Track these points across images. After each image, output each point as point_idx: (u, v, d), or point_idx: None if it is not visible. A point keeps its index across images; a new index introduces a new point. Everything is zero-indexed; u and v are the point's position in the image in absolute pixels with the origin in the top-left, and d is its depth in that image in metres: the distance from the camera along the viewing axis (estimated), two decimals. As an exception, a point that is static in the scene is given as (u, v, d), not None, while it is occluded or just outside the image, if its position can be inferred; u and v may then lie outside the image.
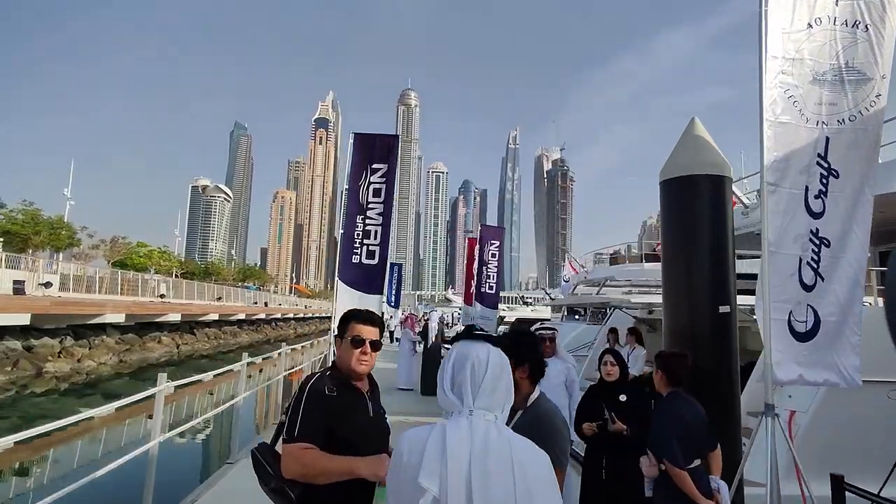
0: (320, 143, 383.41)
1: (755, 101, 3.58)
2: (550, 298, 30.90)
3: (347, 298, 10.35)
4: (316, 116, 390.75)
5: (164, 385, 4.30)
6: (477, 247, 20.30)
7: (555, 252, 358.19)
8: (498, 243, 19.05)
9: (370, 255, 10.52)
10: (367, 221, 10.50)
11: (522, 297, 36.39)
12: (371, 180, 10.53)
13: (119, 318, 20.98)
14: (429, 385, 11.17)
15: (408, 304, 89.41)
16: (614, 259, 15.80)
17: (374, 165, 10.56)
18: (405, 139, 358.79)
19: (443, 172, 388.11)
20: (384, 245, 10.57)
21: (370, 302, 10.56)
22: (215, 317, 32.64)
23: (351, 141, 10.36)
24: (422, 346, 13.10)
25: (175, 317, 26.77)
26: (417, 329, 12.35)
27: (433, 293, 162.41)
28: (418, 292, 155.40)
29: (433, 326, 10.88)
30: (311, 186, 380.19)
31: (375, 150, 10.61)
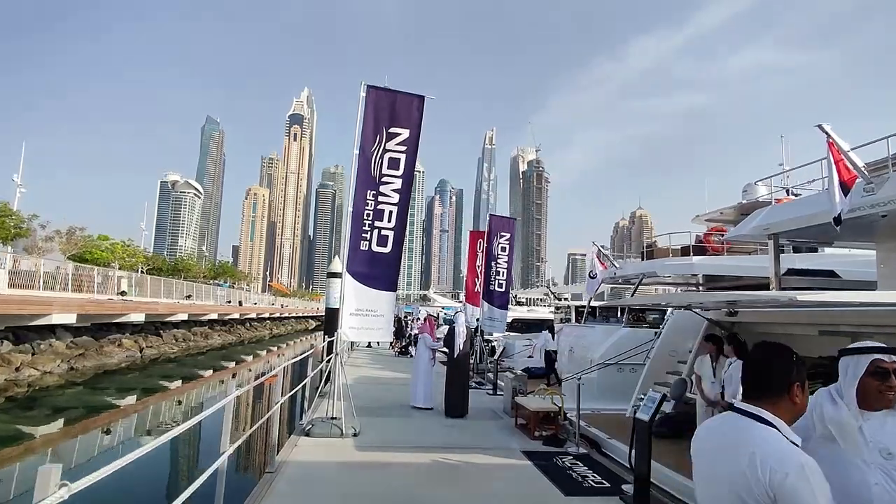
0: (294, 140, 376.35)
1: (730, 106, 1.64)
2: (556, 298, 29.01)
3: (354, 295, 8.12)
4: (290, 112, 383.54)
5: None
6: (482, 241, 18.29)
7: (530, 252, 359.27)
8: (509, 236, 16.98)
9: (382, 241, 8.30)
10: (381, 199, 8.28)
11: (515, 295, 34.35)
12: (387, 147, 8.32)
13: (69, 318, 18.15)
14: (456, 405, 9.00)
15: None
16: (650, 253, 13.91)
17: (393, 129, 8.37)
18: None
19: (419, 171, 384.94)
20: (400, 230, 8.37)
21: (381, 301, 8.37)
22: (184, 317, 29.77)
23: (362, 94, 8.16)
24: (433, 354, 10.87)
25: (138, 317, 23.90)
26: (438, 335, 10.21)
27: (409, 292, 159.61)
28: (395, 299, 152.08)
29: (461, 331, 8.69)
30: (284, 183, 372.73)
31: (396, 111, 8.45)
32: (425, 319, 10.19)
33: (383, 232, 8.01)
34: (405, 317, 31.90)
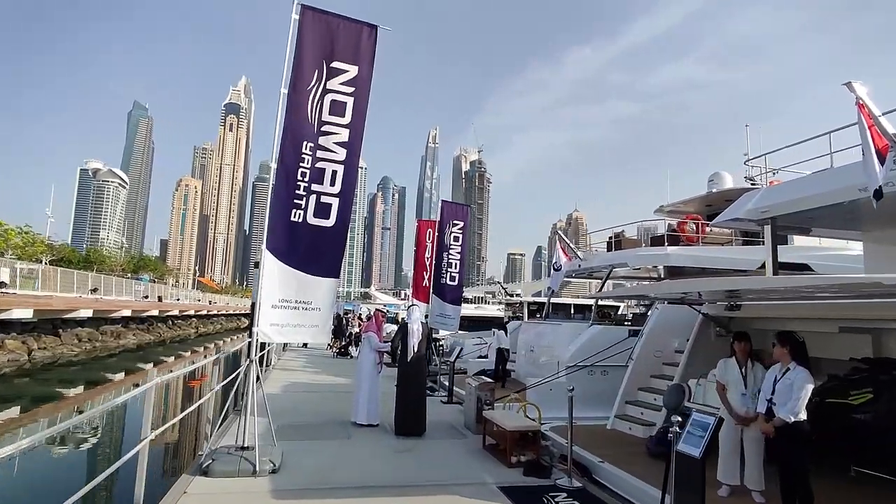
0: (230, 130, 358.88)
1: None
2: (508, 294, 27.69)
3: (279, 281, 6.15)
4: (227, 101, 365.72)
5: None
6: (431, 231, 16.58)
7: (472, 251, 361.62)
8: (462, 224, 15.23)
9: (322, 210, 6.28)
10: (321, 154, 6.28)
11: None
12: (328, 86, 6.35)
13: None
14: (409, 421, 7.21)
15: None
16: (618, 243, 12.69)
17: (337, 64, 6.43)
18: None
19: (361, 167, 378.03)
20: (347, 197, 6.48)
21: (319, 290, 6.45)
22: (88, 313, 26.05)
23: (295, 16, 6.20)
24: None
25: (23, 313, 20.27)
26: (385, 334, 8.32)
27: (349, 290, 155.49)
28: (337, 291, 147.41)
29: (415, 330, 6.90)
30: (219, 175, 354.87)
31: (340, 41, 6.54)
32: (370, 316, 8.24)
33: (324, 199, 6.09)
34: (345, 314, 29.49)
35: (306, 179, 6.05)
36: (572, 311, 20.86)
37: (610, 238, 13.30)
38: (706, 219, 12.55)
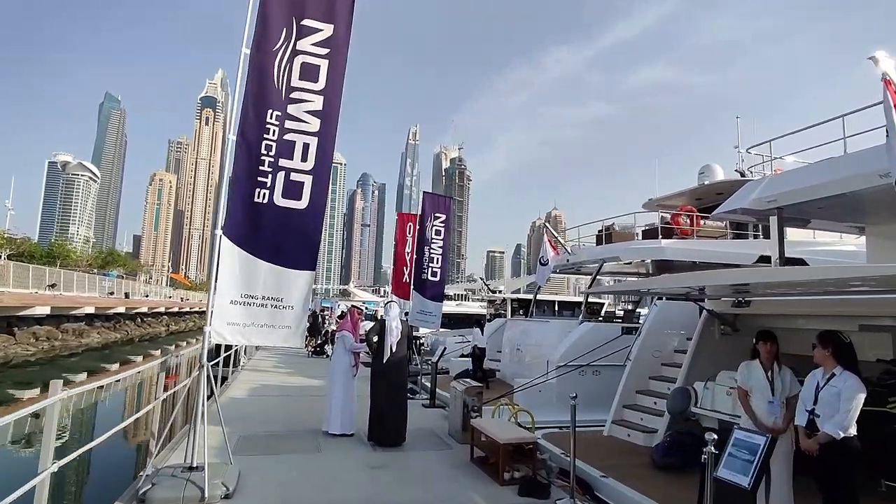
0: (206, 124, 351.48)
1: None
2: (491, 291, 27.02)
3: (241, 273, 5.20)
4: (203, 95, 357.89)
5: None
6: (412, 224, 15.82)
7: (451, 248, 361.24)
8: (444, 217, 14.47)
9: (293, 189, 5.15)
10: (290, 125, 5.42)
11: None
12: (299, 48, 5.50)
13: None
14: (388, 431, 6.45)
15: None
16: (608, 236, 12.09)
17: (308, 22, 5.59)
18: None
19: (341, 164, 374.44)
20: (322, 174, 5.65)
21: (291, 285, 5.52)
22: (46, 310, 24.55)
23: (255, -34, 5.34)
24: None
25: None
26: (362, 332, 7.49)
27: (328, 287, 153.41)
28: (313, 286, 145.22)
29: (393, 327, 6.13)
30: (194, 169, 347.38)
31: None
32: (344, 314, 7.38)
33: (294, 176, 5.26)
34: (322, 311, 28.39)
35: (272, 154, 5.22)
36: (556, 309, 20.31)
37: (599, 231, 12.70)
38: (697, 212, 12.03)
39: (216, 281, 4.95)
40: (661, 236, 10.80)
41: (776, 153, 8.70)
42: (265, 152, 5.21)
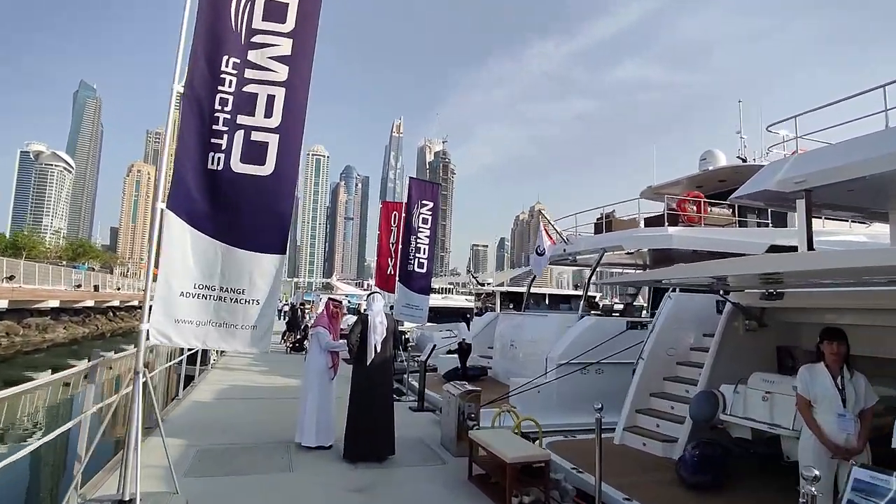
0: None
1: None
2: (479, 283, 26.16)
3: (194, 257, 3.93)
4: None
5: None
6: (397, 213, 14.87)
7: (435, 242, 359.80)
8: (432, 204, 13.51)
9: (254, 152, 3.61)
10: (250, 73, 4.30)
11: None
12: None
13: None
14: (370, 444, 5.54)
15: (284, 293, 79.74)
16: (608, 224, 11.29)
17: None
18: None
19: (324, 156, 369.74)
20: (291, 133, 4.61)
21: (256, 270, 4.38)
22: (4, 304, 23.04)
23: None
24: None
25: None
26: (343, 328, 6.53)
27: (311, 280, 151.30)
28: (295, 279, 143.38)
29: (377, 324, 5.17)
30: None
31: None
32: (325, 307, 6.38)
33: (256, 135, 4.28)
34: (301, 305, 27.11)
35: (227, 109, 4.24)
36: (547, 302, 19.56)
37: (598, 219, 11.90)
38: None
39: (159, 267, 3.97)
40: (666, 223, 10.04)
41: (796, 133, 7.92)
42: (219, 107, 4.23)
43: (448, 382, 11.03)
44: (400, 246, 13.40)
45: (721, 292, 6.52)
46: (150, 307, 3.93)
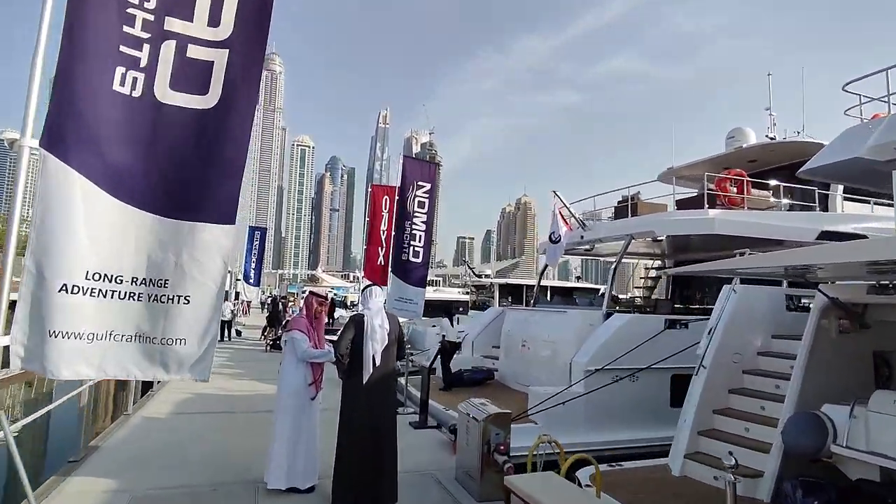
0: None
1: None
2: (476, 275, 24.71)
3: (89, 230, 1.92)
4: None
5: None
6: (388, 198, 13.34)
7: (432, 228, 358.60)
8: (429, 186, 12.02)
9: (189, 73, 1.63)
10: None
11: (418, 275, 29.28)
12: None
13: None
14: (368, 486, 4.05)
15: (268, 285, 77.41)
16: (633, 207, 9.87)
17: None
18: (268, 108, 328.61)
19: (309, 147, 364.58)
20: (247, 48, 2.72)
21: (195, 252, 2.98)
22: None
23: None
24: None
25: None
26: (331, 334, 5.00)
27: (296, 272, 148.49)
28: (280, 271, 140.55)
29: (375, 327, 3.58)
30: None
31: None
32: (305, 301, 4.79)
33: (194, 50, 2.76)
34: (283, 298, 25.21)
35: (149, 5, 2.70)
36: (550, 295, 18.14)
37: (620, 202, 10.50)
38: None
39: (28, 246, 2.44)
40: (706, 205, 8.65)
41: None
42: (136, 2, 2.68)
43: (449, 390, 9.73)
44: (392, 233, 11.95)
45: (811, 285, 5.13)
46: (8, 312, 2.38)
